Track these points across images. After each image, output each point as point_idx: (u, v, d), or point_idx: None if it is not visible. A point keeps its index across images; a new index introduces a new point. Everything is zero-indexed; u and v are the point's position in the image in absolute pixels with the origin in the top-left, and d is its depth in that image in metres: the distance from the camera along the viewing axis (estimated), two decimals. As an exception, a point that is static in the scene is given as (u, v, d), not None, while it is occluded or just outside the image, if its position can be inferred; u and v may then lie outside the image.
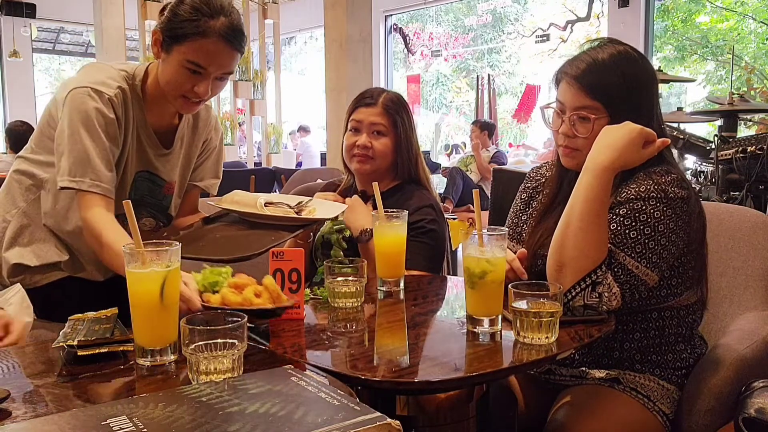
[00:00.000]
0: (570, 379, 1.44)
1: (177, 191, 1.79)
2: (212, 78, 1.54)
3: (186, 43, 1.50)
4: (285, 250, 1.29)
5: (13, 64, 11.07)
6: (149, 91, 1.63)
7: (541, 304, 1.13)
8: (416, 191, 1.90)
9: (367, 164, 1.88)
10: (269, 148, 8.12)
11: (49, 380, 0.97)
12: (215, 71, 1.53)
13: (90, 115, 1.50)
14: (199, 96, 1.55)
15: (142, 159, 1.67)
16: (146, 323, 1.02)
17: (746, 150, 3.30)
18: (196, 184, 1.84)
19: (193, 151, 1.80)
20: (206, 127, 1.81)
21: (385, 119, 1.87)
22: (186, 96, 1.56)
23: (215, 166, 1.86)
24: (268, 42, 8.69)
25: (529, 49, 12.61)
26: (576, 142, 1.38)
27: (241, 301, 1.14)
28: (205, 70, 1.52)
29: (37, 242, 1.64)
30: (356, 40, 5.87)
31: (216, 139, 1.84)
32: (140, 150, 1.66)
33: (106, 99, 1.53)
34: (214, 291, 1.18)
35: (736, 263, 1.67)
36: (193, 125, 1.78)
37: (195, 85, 1.53)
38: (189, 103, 1.58)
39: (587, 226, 1.26)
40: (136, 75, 1.62)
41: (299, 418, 0.73)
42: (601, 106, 1.34)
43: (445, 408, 1.18)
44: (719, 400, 1.31)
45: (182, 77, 1.53)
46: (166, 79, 1.55)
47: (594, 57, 1.36)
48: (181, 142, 1.75)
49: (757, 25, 11.19)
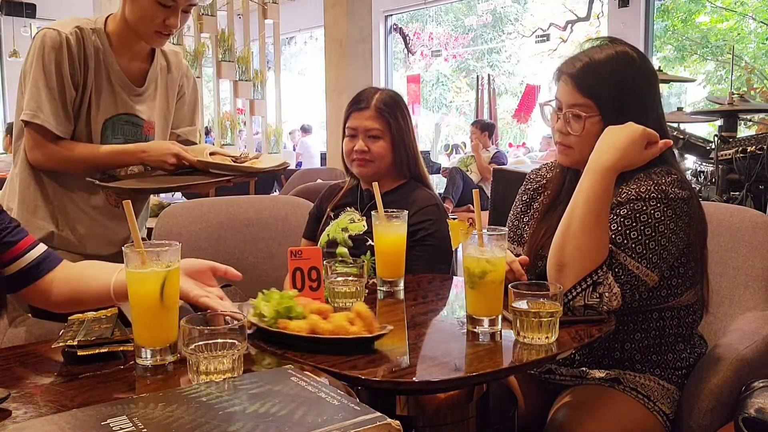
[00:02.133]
0: (570, 379, 1.44)
1: (159, 134, 1.85)
2: (180, 10, 1.67)
3: None
4: (303, 249, 1.29)
5: (13, 64, 11.06)
6: (113, 35, 1.73)
7: (541, 304, 1.13)
8: (418, 190, 1.91)
9: (367, 167, 1.89)
10: (269, 148, 8.12)
11: (49, 380, 0.97)
12: (183, 3, 1.66)
13: (45, 54, 1.62)
14: (170, 28, 1.67)
15: (116, 101, 1.75)
16: (146, 323, 1.02)
17: (746, 150, 3.30)
18: (174, 131, 1.92)
19: (171, 94, 1.88)
20: (179, 71, 1.89)
21: (379, 123, 1.88)
22: (158, 30, 1.67)
23: (191, 114, 1.95)
24: (268, 42, 8.69)
25: (529, 49, 12.63)
26: (569, 140, 1.39)
27: (334, 329, 1.08)
28: (175, 2, 1.64)
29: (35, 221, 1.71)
30: (356, 40, 5.87)
31: (187, 86, 1.93)
32: (112, 92, 1.74)
33: (63, 37, 1.64)
34: (289, 317, 1.12)
35: (736, 263, 1.67)
36: (167, 69, 1.86)
37: (166, 17, 1.65)
38: (161, 35, 1.69)
39: (589, 226, 1.26)
40: (97, 20, 1.73)
41: (299, 418, 0.73)
42: (593, 105, 1.35)
43: (445, 408, 1.18)
44: (719, 400, 1.31)
45: (154, 11, 1.64)
46: (137, 15, 1.66)
47: (591, 56, 1.38)
48: (155, 83, 1.83)
49: (757, 25, 11.19)
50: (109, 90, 1.72)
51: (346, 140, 1.93)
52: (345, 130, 1.94)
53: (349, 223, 1.90)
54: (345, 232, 1.88)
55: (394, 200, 1.84)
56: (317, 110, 10.27)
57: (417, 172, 1.95)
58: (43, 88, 1.63)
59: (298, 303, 1.14)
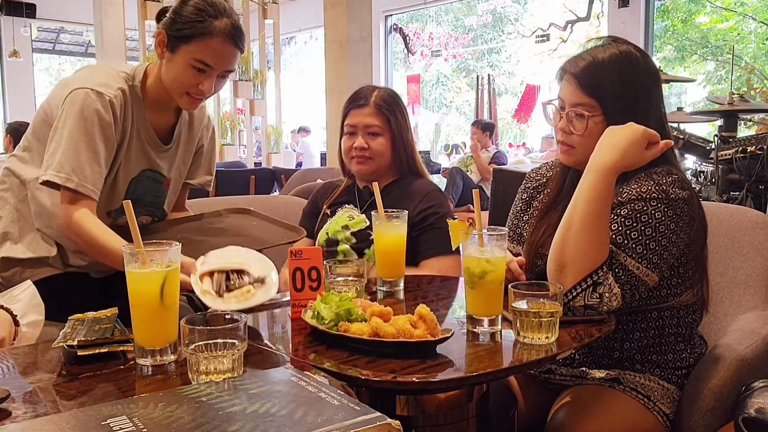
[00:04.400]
0: (570, 379, 1.44)
1: (172, 187, 1.83)
2: (215, 76, 1.62)
3: (193, 43, 1.57)
4: (303, 248, 1.30)
5: (13, 64, 11.08)
6: (149, 91, 1.67)
7: (541, 304, 1.13)
8: (416, 181, 1.93)
9: (366, 165, 1.90)
10: (269, 148, 8.12)
11: (49, 380, 0.97)
12: (219, 69, 1.61)
13: (88, 116, 1.54)
14: (203, 93, 1.62)
15: (144, 158, 1.71)
16: (146, 323, 1.02)
17: (746, 150, 3.30)
18: (189, 182, 1.90)
19: (190, 149, 1.85)
20: (200, 125, 1.86)
21: (379, 119, 1.88)
22: (190, 93, 1.62)
23: (208, 164, 1.92)
24: (268, 42, 8.69)
25: (529, 49, 12.62)
26: (572, 139, 1.39)
27: (397, 333, 1.06)
28: (210, 68, 1.59)
29: (28, 236, 1.67)
30: (356, 40, 5.87)
31: (206, 137, 1.90)
32: (142, 150, 1.70)
33: (107, 101, 1.57)
34: (349, 319, 1.12)
35: (736, 263, 1.67)
36: (189, 123, 1.83)
37: (200, 82, 1.60)
38: (193, 99, 1.64)
39: (589, 226, 1.26)
40: (135, 76, 1.67)
41: (299, 418, 0.73)
42: (596, 104, 1.35)
43: (445, 408, 1.18)
44: (719, 400, 1.31)
45: (188, 75, 1.59)
46: (171, 77, 1.61)
47: (594, 56, 1.37)
48: (179, 139, 1.80)
49: (757, 25, 11.19)
50: (138, 147, 1.69)
51: (345, 138, 1.93)
52: (343, 128, 1.94)
53: (349, 220, 1.90)
54: (346, 230, 1.88)
55: (393, 193, 1.85)
56: (317, 110, 10.27)
57: (415, 169, 1.96)
58: (85, 151, 1.54)
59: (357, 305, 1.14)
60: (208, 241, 1.71)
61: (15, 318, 1.21)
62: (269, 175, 6.18)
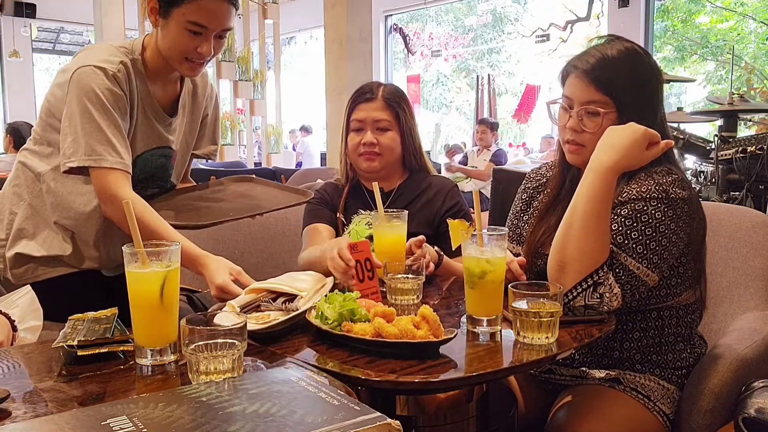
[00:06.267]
0: (570, 379, 1.44)
1: (179, 159, 1.80)
2: (213, 36, 1.56)
3: (184, 5, 1.51)
4: (358, 243, 1.38)
5: (13, 64, 11.07)
6: (150, 63, 1.63)
7: (541, 304, 1.13)
8: (429, 176, 1.89)
9: (375, 161, 1.81)
10: (269, 148, 8.12)
11: (49, 380, 0.97)
12: (216, 29, 1.55)
13: (98, 92, 1.50)
14: (202, 56, 1.57)
15: (153, 134, 1.67)
16: (146, 323, 1.02)
17: (746, 150, 3.30)
18: (195, 152, 1.87)
19: (196, 119, 1.81)
20: (204, 93, 1.82)
21: (388, 113, 1.81)
22: (189, 58, 1.57)
23: (212, 134, 1.89)
24: (268, 42, 8.69)
25: (529, 49, 12.60)
26: (583, 137, 1.37)
27: (400, 333, 1.06)
28: (206, 28, 1.53)
29: (42, 233, 1.64)
30: (356, 40, 5.87)
31: (210, 106, 1.86)
32: (149, 125, 1.65)
33: (111, 75, 1.53)
34: (352, 319, 1.12)
35: (736, 263, 1.67)
36: (193, 93, 1.79)
37: (197, 45, 1.54)
38: (193, 65, 1.59)
39: (590, 226, 1.26)
40: (134, 49, 1.63)
41: (299, 418, 0.73)
42: (610, 101, 1.34)
43: (445, 408, 1.18)
44: (719, 400, 1.31)
45: (184, 39, 1.54)
46: (168, 44, 1.56)
47: (603, 52, 1.36)
48: (184, 109, 1.76)
49: (757, 25, 11.19)
50: (146, 123, 1.64)
51: (352, 134, 1.83)
52: (349, 124, 1.84)
53: (368, 228, 1.77)
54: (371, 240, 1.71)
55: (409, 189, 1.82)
56: (317, 110, 10.27)
57: (423, 166, 1.90)
58: (108, 127, 1.50)
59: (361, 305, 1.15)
60: (212, 207, 1.71)
61: (13, 323, 1.21)
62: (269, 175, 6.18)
